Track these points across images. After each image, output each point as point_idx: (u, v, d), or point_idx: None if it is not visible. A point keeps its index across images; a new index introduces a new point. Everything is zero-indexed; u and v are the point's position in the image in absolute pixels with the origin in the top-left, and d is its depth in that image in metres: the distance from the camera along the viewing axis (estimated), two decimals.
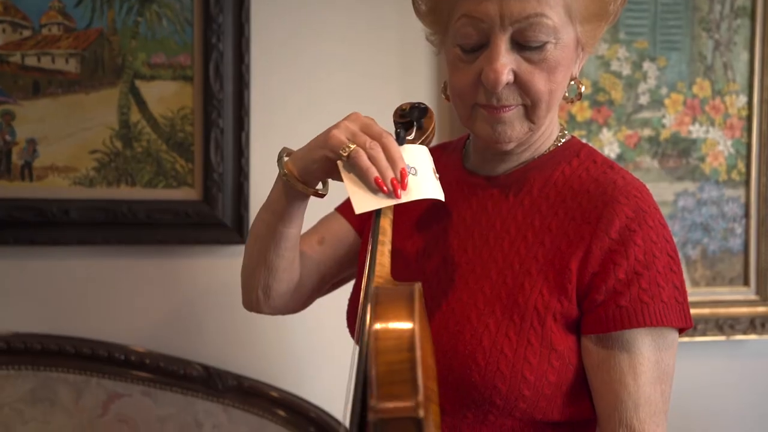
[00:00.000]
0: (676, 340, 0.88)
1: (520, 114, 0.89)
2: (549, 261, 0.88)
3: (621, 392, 0.83)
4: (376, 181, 0.83)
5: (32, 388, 1.51)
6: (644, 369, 0.84)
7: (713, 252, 1.71)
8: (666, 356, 0.86)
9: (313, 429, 1.53)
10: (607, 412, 0.85)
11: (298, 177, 0.92)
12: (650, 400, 0.83)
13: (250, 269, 1.06)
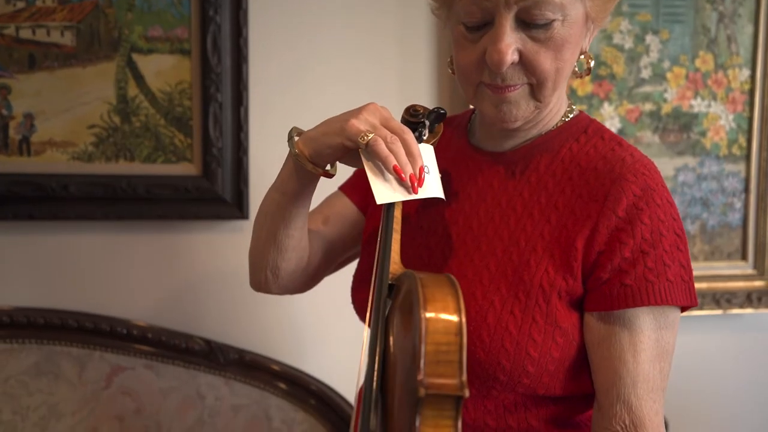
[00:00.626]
0: (677, 319, 0.86)
1: (525, 93, 0.86)
2: (555, 238, 0.85)
3: (620, 369, 0.82)
4: (395, 168, 0.81)
5: (36, 361, 1.50)
6: (644, 347, 0.82)
7: (712, 227, 1.68)
8: (666, 335, 0.84)
9: (313, 401, 1.53)
10: (605, 388, 0.83)
11: (308, 157, 0.89)
12: (648, 377, 0.82)
13: (259, 249, 1.03)
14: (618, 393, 0.82)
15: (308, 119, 1.57)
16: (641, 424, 0.81)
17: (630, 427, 0.81)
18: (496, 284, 0.86)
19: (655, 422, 0.83)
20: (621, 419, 0.82)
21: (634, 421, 0.81)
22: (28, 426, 1.47)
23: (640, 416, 0.81)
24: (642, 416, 0.81)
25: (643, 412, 0.81)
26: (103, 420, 1.48)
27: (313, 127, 0.91)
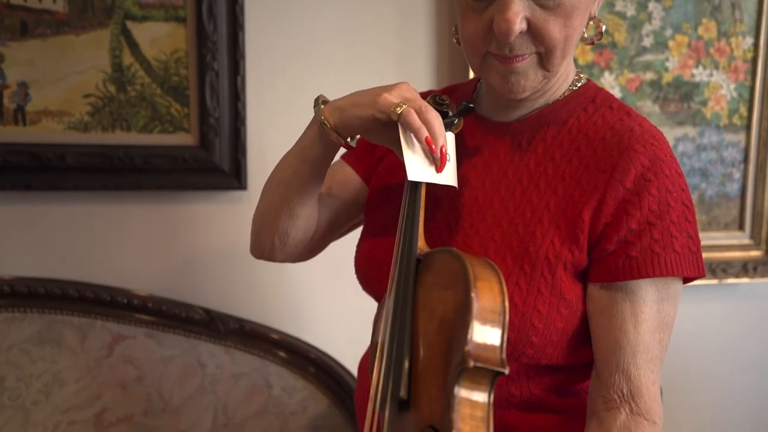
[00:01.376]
0: (679, 291, 0.84)
1: (533, 63, 0.83)
2: (561, 210, 0.83)
3: (621, 339, 0.81)
4: (426, 140, 0.79)
5: (38, 330, 1.48)
6: (645, 317, 0.81)
7: (710, 197, 1.65)
8: (668, 306, 0.83)
9: (312, 369, 1.51)
10: (605, 357, 0.82)
11: (333, 126, 0.86)
12: (648, 347, 0.81)
13: (269, 215, 0.99)
14: (617, 362, 0.81)
15: (306, 88, 1.53)
16: (638, 393, 0.80)
17: (627, 395, 0.80)
18: (501, 256, 0.83)
19: (652, 391, 0.81)
20: (619, 388, 0.81)
21: (631, 390, 0.80)
22: (32, 393, 1.46)
23: (638, 385, 0.80)
24: (640, 385, 0.80)
25: (641, 381, 0.80)
26: (105, 387, 1.47)
27: (341, 97, 0.88)
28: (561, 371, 0.87)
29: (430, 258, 0.78)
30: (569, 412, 0.88)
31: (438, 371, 0.68)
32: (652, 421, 0.80)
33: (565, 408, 0.89)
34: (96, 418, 1.47)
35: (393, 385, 0.69)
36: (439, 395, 0.67)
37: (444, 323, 0.71)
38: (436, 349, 0.70)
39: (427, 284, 0.75)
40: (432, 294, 0.74)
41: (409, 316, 0.73)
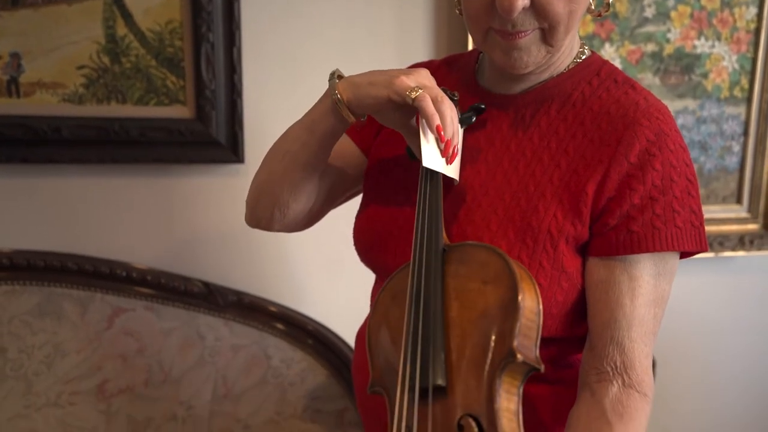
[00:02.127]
0: (676, 266, 0.82)
1: (536, 38, 0.80)
2: (564, 184, 0.81)
3: (617, 312, 0.79)
4: (437, 128, 0.77)
5: (38, 302, 1.45)
6: (642, 291, 0.80)
7: (709, 170, 1.61)
8: (664, 281, 0.82)
9: (311, 341, 1.50)
10: (600, 329, 0.81)
11: (346, 102, 0.83)
12: (643, 321, 0.80)
13: (270, 185, 0.95)
14: (612, 335, 0.79)
15: (304, 60, 1.48)
16: (631, 365, 0.79)
17: (620, 368, 0.79)
18: (503, 229, 0.81)
19: (645, 365, 0.80)
20: (612, 360, 0.79)
21: (624, 362, 0.79)
22: (34, 363, 1.44)
23: (631, 358, 0.79)
24: (633, 358, 0.79)
25: (634, 354, 0.79)
26: (106, 359, 1.46)
27: (357, 74, 0.84)
28: (557, 343, 0.86)
29: (461, 250, 0.77)
30: (564, 383, 0.87)
31: (476, 361, 0.68)
32: (643, 393, 0.79)
33: (560, 378, 0.87)
34: (98, 388, 1.45)
35: (432, 373, 0.68)
36: (477, 385, 0.67)
37: (485, 316, 0.70)
38: (474, 340, 0.69)
39: (460, 275, 0.74)
40: (468, 286, 0.73)
41: (440, 305, 0.72)
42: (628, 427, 0.77)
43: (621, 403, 0.78)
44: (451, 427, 0.66)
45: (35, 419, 1.43)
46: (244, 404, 1.46)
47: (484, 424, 0.65)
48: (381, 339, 0.78)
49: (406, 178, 0.90)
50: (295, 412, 1.47)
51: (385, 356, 0.77)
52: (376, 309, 0.82)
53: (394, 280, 0.82)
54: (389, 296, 0.81)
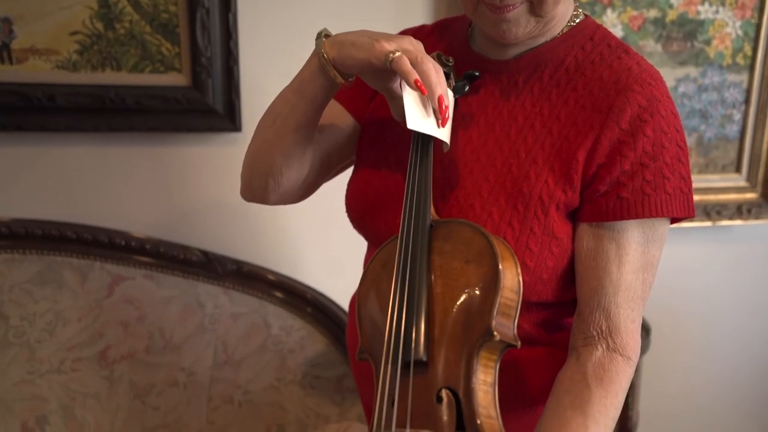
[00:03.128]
0: (666, 232, 0.80)
1: (525, 11, 0.77)
2: (556, 150, 0.79)
3: (603, 278, 0.78)
4: (416, 82, 0.73)
5: (38, 270, 1.42)
6: (629, 258, 0.78)
7: (709, 139, 1.55)
8: (653, 248, 0.80)
9: (309, 309, 1.47)
10: (587, 296, 0.80)
11: (332, 61, 0.80)
12: (630, 287, 0.78)
13: (263, 153, 0.91)
14: (599, 301, 0.78)
15: (301, 26, 1.41)
16: (616, 330, 0.78)
17: (606, 332, 0.78)
18: (494, 196, 0.80)
19: (631, 329, 0.79)
20: (598, 325, 0.79)
21: (609, 327, 0.78)
22: (36, 331, 1.42)
23: (616, 323, 0.78)
24: (618, 323, 0.78)
25: (619, 319, 0.78)
26: (108, 326, 1.43)
27: (344, 33, 0.81)
28: (549, 307, 0.85)
29: (447, 227, 0.76)
30: (556, 345, 0.86)
31: (456, 338, 0.69)
32: (627, 356, 0.78)
33: (552, 341, 0.87)
34: (100, 355, 1.43)
35: (415, 348, 0.69)
36: (457, 360, 0.68)
37: (465, 295, 0.70)
38: (455, 317, 0.70)
39: (445, 252, 0.73)
40: (452, 264, 0.72)
41: (426, 282, 0.72)
42: (608, 389, 0.77)
43: (602, 367, 0.77)
44: (431, 399, 0.67)
45: (39, 385, 1.41)
46: (244, 371, 1.44)
47: (461, 396, 0.67)
48: (370, 308, 0.78)
49: (397, 144, 0.89)
50: (295, 379, 1.45)
51: (373, 325, 0.77)
52: (365, 278, 0.81)
53: (384, 250, 0.80)
54: (379, 266, 0.79)
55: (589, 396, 0.76)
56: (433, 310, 0.71)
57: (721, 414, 1.90)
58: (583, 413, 0.75)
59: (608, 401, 0.76)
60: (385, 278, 0.76)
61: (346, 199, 0.96)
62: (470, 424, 0.65)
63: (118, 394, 1.42)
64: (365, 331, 0.78)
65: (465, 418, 0.65)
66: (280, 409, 1.45)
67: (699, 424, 1.89)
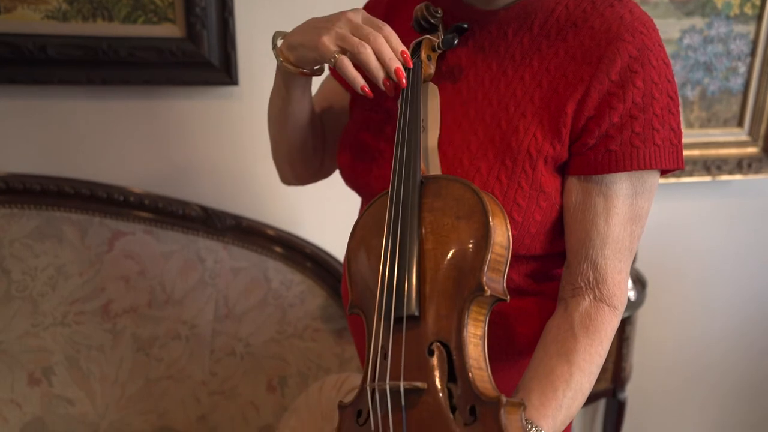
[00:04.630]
0: (655, 184, 0.77)
1: None
2: (545, 103, 0.75)
3: (591, 231, 0.76)
4: (362, 89, 0.74)
5: (38, 225, 1.37)
6: (618, 211, 0.76)
7: (712, 92, 1.48)
8: (642, 200, 0.77)
9: (309, 264, 1.43)
10: (575, 248, 0.78)
11: (293, 63, 0.80)
12: (618, 239, 0.76)
13: (277, 153, 0.97)
14: (586, 253, 0.76)
15: None
16: (603, 281, 0.76)
17: (593, 283, 0.77)
18: (483, 151, 0.77)
19: (617, 279, 0.77)
20: (585, 276, 0.77)
21: (597, 278, 0.76)
22: (38, 285, 1.37)
23: (603, 274, 0.76)
24: (605, 274, 0.76)
25: (606, 270, 0.76)
26: (109, 281, 1.39)
27: (295, 31, 0.79)
28: (538, 259, 0.83)
29: (437, 183, 0.73)
30: (545, 295, 0.85)
31: (447, 293, 0.68)
32: (613, 306, 0.77)
33: (541, 291, 0.85)
34: (102, 309, 1.39)
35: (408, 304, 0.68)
36: (448, 315, 0.67)
37: (456, 251, 0.69)
38: (446, 272, 0.69)
39: (435, 209, 0.71)
40: (443, 220, 0.71)
41: (417, 238, 0.70)
42: (593, 338, 0.75)
43: (589, 317, 0.76)
44: (422, 352, 0.67)
45: (44, 337, 1.38)
46: (245, 324, 1.41)
47: (452, 349, 0.66)
48: (360, 263, 0.76)
49: (386, 100, 0.85)
50: (295, 332, 1.42)
51: (363, 280, 0.75)
52: (354, 234, 0.78)
53: (373, 206, 0.77)
54: (370, 221, 0.77)
55: (575, 345, 0.74)
56: (424, 266, 0.70)
57: (714, 368, 1.88)
58: (569, 361, 0.74)
59: (593, 350, 0.75)
60: (375, 234, 0.74)
61: (338, 155, 0.92)
62: (461, 376, 0.64)
63: (121, 346, 1.39)
64: (356, 287, 0.76)
65: (456, 370, 0.65)
66: (281, 361, 1.42)
67: (691, 378, 1.88)
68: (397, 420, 0.65)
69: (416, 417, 0.65)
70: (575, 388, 0.73)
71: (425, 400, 0.64)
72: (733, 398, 1.92)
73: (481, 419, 0.62)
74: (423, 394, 0.64)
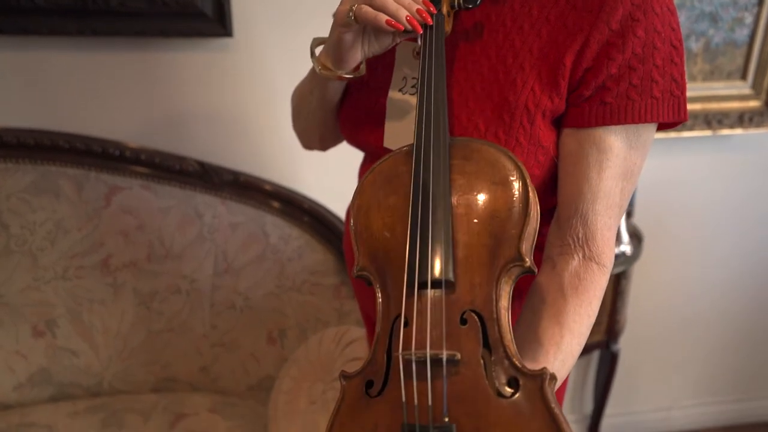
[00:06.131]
0: (650, 139, 0.73)
1: None
2: (544, 55, 0.71)
3: (583, 185, 0.72)
4: (388, 23, 0.67)
5: (33, 180, 1.32)
6: (610, 164, 0.71)
7: (716, 44, 1.40)
8: (635, 155, 0.73)
9: (307, 219, 1.39)
10: (566, 202, 0.74)
11: (332, 67, 0.76)
12: (609, 194, 0.72)
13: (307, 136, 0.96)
14: (577, 207, 0.73)
15: None
16: (593, 237, 0.73)
17: (582, 240, 0.73)
18: (480, 107, 0.72)
19: (606, 236, 0.73)
20: (575, 232, 0.73)
21: (586, 234, 0.73)
22: (37, 239, 1.34)
23: (593, 230, 0.73)
24: (595, 230, 0.73)
25: (596, 226, 0.72)
26: (108, 235, 1.35)
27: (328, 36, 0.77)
28: None
29: (467, 146, 0.68)
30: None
31: (482, 261, 0.63)
32: (603, 264, 0.73)
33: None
34: (102, 263, 1.36)
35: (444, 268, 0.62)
36: (482, 283, 0.62)
37: (493, 218, 0.64)
38: (481, 239, 0.64)
39: (468, 172, 0.66)
40: (476, 184, 0.66)
41: (449, 200, 0.64)
42: (582, 298, 0.72)
43: (578, 276, 0.72)
44: (455, 321, 0.62)
45: (45, 291, 1.35)
46: (244, 278, 1.38)
47: (486, 320, 0.62)
48: (371, 224, 0.69)
49: (385, 56, 0.80)
50: (294, 286, 1.39)
51: (374, 242, 0.68)
52: (362, 191, 0.72)
53: (386, 163, 0.71)
54: (381, 178, 0.71)
55: (565, 306, 0.71)
56: (455, 229, 0.64)
57: (708, 321, 1.87)
58: (559, 323, 0.70)
59: (582, 310, 0.71)
60: (391, 193, 0.68)
61: (339, 111, 0.87)
62: (497, 347, 0.60)
63: (122, 300, 1.37)
64: (364, 249, 0.69)
65: (491, 341, 0.60)
66: (280, 314, 1.40)
67: (684, 331, 1.87)
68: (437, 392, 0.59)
69: (453, 389, 0.59)
70: (566, 350, 0.70)
71: (461, 371, 0.59)
72: (728, 351, 1.91)
73: (524, 391, 0.57)
74: (458, 365, 0.59)
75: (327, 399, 1.16)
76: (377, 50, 0.75)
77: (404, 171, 0.68)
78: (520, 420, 0.57)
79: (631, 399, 1.92)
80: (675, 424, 1.97)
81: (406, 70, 0.79)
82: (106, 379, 1.39)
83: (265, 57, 1.31)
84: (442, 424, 0.57)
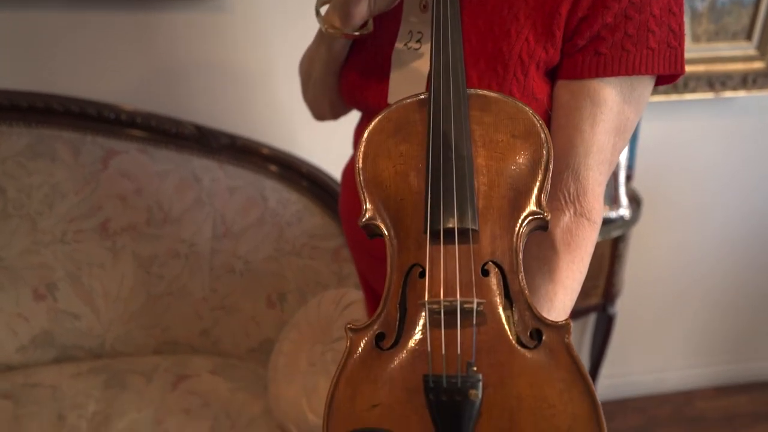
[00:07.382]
0: (645, 94, 0.69)
1: None
2: (539, 4, 0.67)
3: (575, 138, 0.69)
4: None
5: (29, 143, 1.28)
6: (603, 118, 0.68)
7: (722, 4, 1.34)
8: (629, 109, 0.69)
9: (305, 183, 1.35)
10: (558, 156, 0.71)
11: (339, 25, 0.73)
12: (602, 149, 0.69)
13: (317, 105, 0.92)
14: (569, 161, 0.70)
15: None
16: (584, 193, 0.71)
17: (573, 195, 0.71)
18: (475, 58, 0.70)
19: (596, 192, 0.71)
20: (566, 186, 0.71)
21: (578, 190, 0.70)
22: (34, 203, 1.31)
23: (584, 185, 0.70)
24: (586, 186, 0.70)
25: (588, 181, 0.70)
26: (105, 199, 1.32)
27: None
28: None
29: (483, 98, 0.66)
30: None
31: (503, 212, 0.62)
32: (593, 220, 0.71)
33: None
34: (101, 227, 1.33)
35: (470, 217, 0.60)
36: (502, 235, 0.61)
37: (513, 170, 0.63)
38: (502, 191, 0.62)
39: (486, 124, 0.64)
40: (496, 136, 0.64)
41: (470, 149, 0.62)
42: (574, 255, 0.70)
43: (570, 232, 0.70)
44: (476, 271, 0.59)
45: (44, 254, 1.33)
46: (243, 242, 1.35)
47: (506, 272, 0.59)
48: (380, 171, 0.66)
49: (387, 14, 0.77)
50: (293, 249, 1.37)
51: (385, 190, 0.65)
52: (370, 140, 0.67)
53: (394, 111, 0.67)
54: (391, 126, 0.67)
55: (558, 262, 0.69)
56: (476, 180, 0.62)
57: (705, 284, 1.85)
58: (552, 280, 0.68)
59: (575, 266, 0.69)
60: (403, 140, 0.65)
61: (341, 71, 0.84)
62: (518, 299, 0.58)
63: (122, 264, 1.34)
64: (375, 197, 0.65)
65: (512, 293, 0.59)
66: (280, 277, 1.38)
67: (681, 294, 1.85)
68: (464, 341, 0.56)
69: (478, 339, 0.57)
70: (559, 307, 0.68)
71: (485, 321, 0.57)
72: (721, 314, 1.90)
73: (548, 342, 0.56)
74: (481, 315, 0.57)
75: (326, 360, 1.15)
76: (384, 6, 0.71)
77: (417, 119, 0.65)
78: (544, 371, 0.55)
79: (626, 360, 1.92)
80: (668, 385, 1.97)
81: (414, 22, 0.75)
82: (108, 341, 1.37)
83: (262, 18, 1.26)
84: (470, 374, 0.55)
